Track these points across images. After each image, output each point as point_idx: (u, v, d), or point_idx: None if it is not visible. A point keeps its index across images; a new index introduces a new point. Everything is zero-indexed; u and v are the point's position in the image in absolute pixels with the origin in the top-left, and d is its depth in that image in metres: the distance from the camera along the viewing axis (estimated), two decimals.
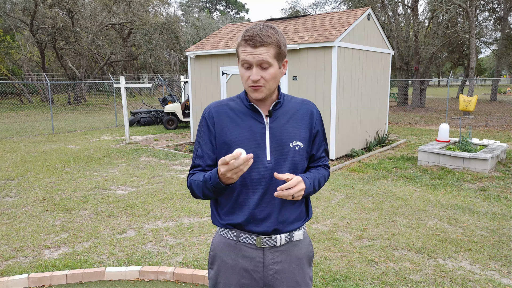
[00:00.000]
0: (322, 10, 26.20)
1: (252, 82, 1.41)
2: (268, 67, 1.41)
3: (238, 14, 53.99)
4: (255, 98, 1.45)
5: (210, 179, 1.39)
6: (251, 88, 1.43)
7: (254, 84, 1.41)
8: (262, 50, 1.38)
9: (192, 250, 3.77)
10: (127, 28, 28.63)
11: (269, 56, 1.39)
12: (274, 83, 1.45)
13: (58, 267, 3.42)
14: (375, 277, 3.23)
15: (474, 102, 11.98)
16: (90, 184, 6.15)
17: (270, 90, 1.45)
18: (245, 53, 1.40)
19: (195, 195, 1.51)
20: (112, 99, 29.89)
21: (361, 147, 8.94)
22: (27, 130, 12.90)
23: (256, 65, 1.39)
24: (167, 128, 13.24)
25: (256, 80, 1.40)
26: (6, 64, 27.43)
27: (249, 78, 1.41)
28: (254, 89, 1.43)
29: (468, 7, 16.63)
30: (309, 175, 1.51)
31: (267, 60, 1.39)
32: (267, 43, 1.38)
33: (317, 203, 5.14)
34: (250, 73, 1.41)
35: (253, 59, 1.38)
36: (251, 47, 1.38)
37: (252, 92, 1.44)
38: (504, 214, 4.67)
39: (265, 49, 1.38)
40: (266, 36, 1.38)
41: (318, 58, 7.67)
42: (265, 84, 1.42)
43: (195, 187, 1.48)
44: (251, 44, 1.38)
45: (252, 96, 1.45)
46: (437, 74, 53.51)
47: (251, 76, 1.40)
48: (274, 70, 1.42)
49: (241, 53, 1.41)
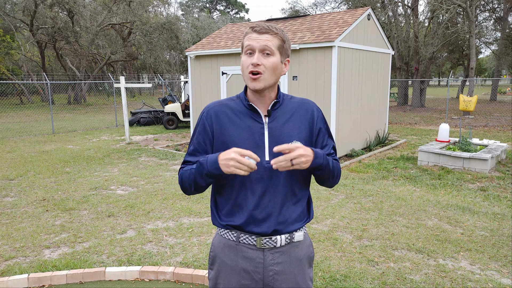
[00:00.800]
0: (322, 10, 26.21)
1: (252, 67, 1.40)
2: (270, 55, 1.42)
3: (238, 14, 53.99)
4: (253, 88, 1.43)
5: (207, 161, 1.37)
6: (250, 77, 1.42)
7: (254, 69, 1.40)
8: (267, 37, 1.41)
9: (192, 250, 3.77)
10: (127, 28, 28.64)
11: (273, 45, 1.41)
12: (273, 76, 1.44)
13: (58, 267, 3.42)
14: (375, 277, 3.23)
15: (474, 102, 11.97)
16: (90, 184, 6.15)
17: (268, 82, 1.43)
18: (250, 39, 1.42)
19: (184, 187, 1.49)
20: (112, 99, 29.88)
21: (361, 147, 8.94)
22: (27, 130, 12.90)
23: (259, 51, 1.41)
24: (167, 128, 13.24)
25: (256, 64, 1.39)
26: (6, 64, 27.44)
27: (250, 64, 1.41)
28: (253, 78, 1.41)
29: (468, 7, 16.63)
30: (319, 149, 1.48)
31: (270, 47, 1.41)
32: (273, 32, 1.42)
33: (317, 203, 5.14)
34: (251, 59, 1.41)
35: (257, 43, 1.40)
36: (257, 33, 1.41)
37: (250, 81, 1.42)
38: (504, 214, 4.67)
39: (270, 36, 1.42)
40: (272, 27, 1.43)
41: (318, 58, 7.67)
42: (264, 72, 1.41)
43: (186, 177, 1.46)
44: (257, 30, 1.42)
45: (250, 86, 1.43)
46: (437, 74, 53.52)
47: (252, 60, 1.40)
48: (275, 60, 1.42)
49: (246, 40, 1.43)
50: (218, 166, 1.34)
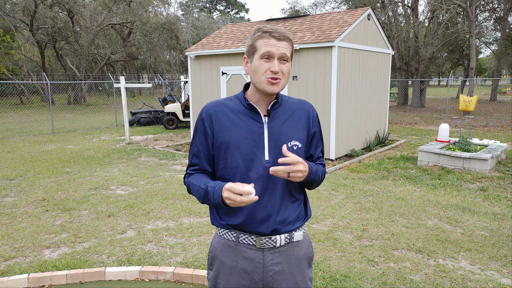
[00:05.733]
0: (322, 10, 26.20)
1: (272, 74, 1.42)
2: (286, 62, 1.45)
3: (238, 14, 53.98)
4: (271, 92, 1.44)
5: (214, 194, 1.40)
6: (269, 81, 1.43)
7: (274, 75, 1.42)
8: (285, 44, 1.43)
9: (192, 250, 3.77)
10: (127, 28, 28.64)
11: (289, 52, 1.45)
12: (287, 80, 1.48)
13: (58, 267, 3.42)
14: (375, 277, 3.23)
15: (474, 102, 11.96)
16: (90, 184, 6.16)
17: (283, 86, 1.47)
18: (269, 45, 1.42)
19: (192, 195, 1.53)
20: (112, 99, 29.88)
21: (361, 147, 8.94)
22: (27, 130, 12.90)
23: (278, 58, 1.42)
24: (167, 128, 13.25)
25: (276, 71, 1.41)
26: (6, 64, 27.43)
27: (269, 69, 1.42)
28: (272, 82, 1.43)
29: (468, 7, 16.63)
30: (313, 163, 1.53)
31: (288, 55, 1.44)
32: (289, 39, 1.45)
33: (317, 203, 5.14)
34: (270, 64, 1.42)
35: (277, 51, 1.41)
36: (276, 40, 1.42)
37: (269, 85, 1.43)
38: (504, 214, 4.67)
39: (287, 44, 1.44)
40: (287, 33, 1.46)
41: (318, 58, 7.67)
42: (282, 78, 1.44)
43: (195, 192, 1.50)
44: (276, 36, 1.42)
45: (269, 89, 1.44)
46: (437, 74, 53.51)
47: (272, 67, 1.41)
48: (290, 66, 1.47)
49: (264, 45, 1.43)
50: (221, 201, 1.39)
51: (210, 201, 1.43)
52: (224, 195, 1.34)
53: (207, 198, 1.43)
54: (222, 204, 1.38)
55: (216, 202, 1.39)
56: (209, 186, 1.43)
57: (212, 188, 1.41)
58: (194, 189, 1.49)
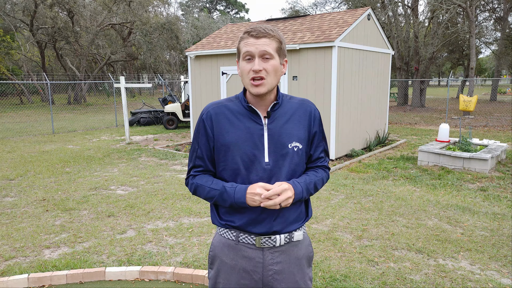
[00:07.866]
0: (322, 10, 26.20)
1: (253, 73, 1.39)
2: (270, 59, 1.40)
3: (238, 14, 53.98)
4: (256, 94, 1.41)
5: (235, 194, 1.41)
6: (252, 83, 1.40)
7: (256, 75, 1.38)
8: (265, 41, 1.39)
9: (192, 250, 3.77)
10: (127, 28, 28.63)
11: (271, 48, 1.40)
12: (275, 78, 1.43)
13: (58, 267, 3.42)
14: (375, 277, 3.23)
15: (474, 102, 11.98)
16: (90, 184, 6.15)
17: (271, 86, 1.42)
18: (248, 44, 1.39)
19: (197, 196, 1.52)
20: (112, 99, 29.89)
21: (361, 147, 8.94)
22: (27, 130, 12.90)
23: (259, 56, 1.39)
24: (167, 128, 13.25)
25: (258, 70, 1.38)
26: (6, 64, 27.41)
27: (251, 70, 1.39)
28: (255, 84, 1.40)
29: (468, 7, 16.63)
30: (303, 178, 1.50)
31: (270, 52, 1.39)
32: (270, 35, 1.40)
33: (317, 203, 5.14)
34: (251, 64, 1.39)
35: (256, 49, 1.38)
36: (254, 38, 1.39)
37: (253, 87, 1.41)
38: (504, 214, 4.67)
39: (267, 40, 1.39)
40: (268, 29, 1.41)
41: (318, 58, 7.67)
42: (266, 77, 1.40)
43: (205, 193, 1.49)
44: (254, 35, 1.39)
45: (253, 91, 1.41)
46: (437, 74, 53.52)
47: (253, 67, 1.38)
48: (275, 63, 1.41)
49: (243, 46, 1.41)
50: (244, 200, 1.40)
51: (226, 201, 1.43)
52: (257, 190, 1.37)
53: (221, 198, 1.44)
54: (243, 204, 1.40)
55: (238, 201, 1.40)
56: (227, 187, 1.44)
57: (231, 187, 1.43)
58: (203, 190, 1.48)
